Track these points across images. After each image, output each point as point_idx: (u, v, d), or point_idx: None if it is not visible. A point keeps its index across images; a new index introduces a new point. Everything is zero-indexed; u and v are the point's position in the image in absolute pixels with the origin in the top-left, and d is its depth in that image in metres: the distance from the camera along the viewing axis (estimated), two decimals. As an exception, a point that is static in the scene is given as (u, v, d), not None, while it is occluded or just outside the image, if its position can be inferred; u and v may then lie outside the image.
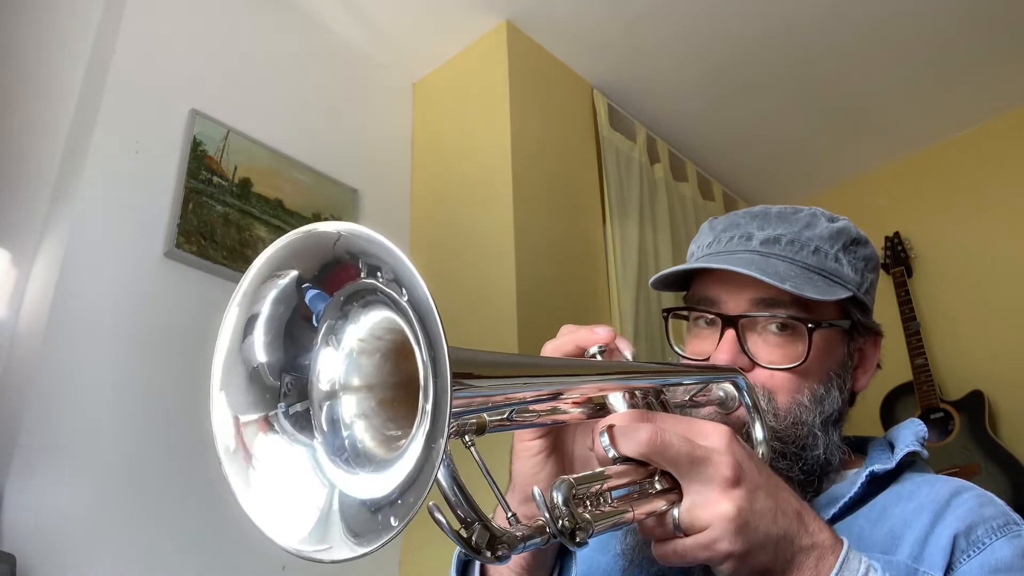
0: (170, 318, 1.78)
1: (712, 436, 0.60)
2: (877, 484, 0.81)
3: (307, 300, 0.51)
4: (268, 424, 0.51)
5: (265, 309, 0.51)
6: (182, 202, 1.87)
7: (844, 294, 0.85)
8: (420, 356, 0.44)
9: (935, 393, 2.69)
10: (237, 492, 0.49)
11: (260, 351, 0.51)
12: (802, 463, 0.81)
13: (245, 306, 0.51)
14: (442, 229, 2.41)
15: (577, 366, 0.65)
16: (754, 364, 0.83)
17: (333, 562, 0.44)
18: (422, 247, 2.42)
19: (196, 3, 2.12)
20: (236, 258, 1.92)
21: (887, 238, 3.03)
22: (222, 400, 0.50)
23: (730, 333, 0.84)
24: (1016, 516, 0.75)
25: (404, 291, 0.45)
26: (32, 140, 1.83)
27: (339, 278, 0.50)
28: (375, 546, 0.43)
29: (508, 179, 2.25)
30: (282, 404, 0.51)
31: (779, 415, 0.82)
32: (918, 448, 0.82)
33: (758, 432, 0.77)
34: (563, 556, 0.77)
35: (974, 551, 0.71)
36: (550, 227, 2.32)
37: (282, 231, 2.07)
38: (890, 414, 2.77)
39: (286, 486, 0.49)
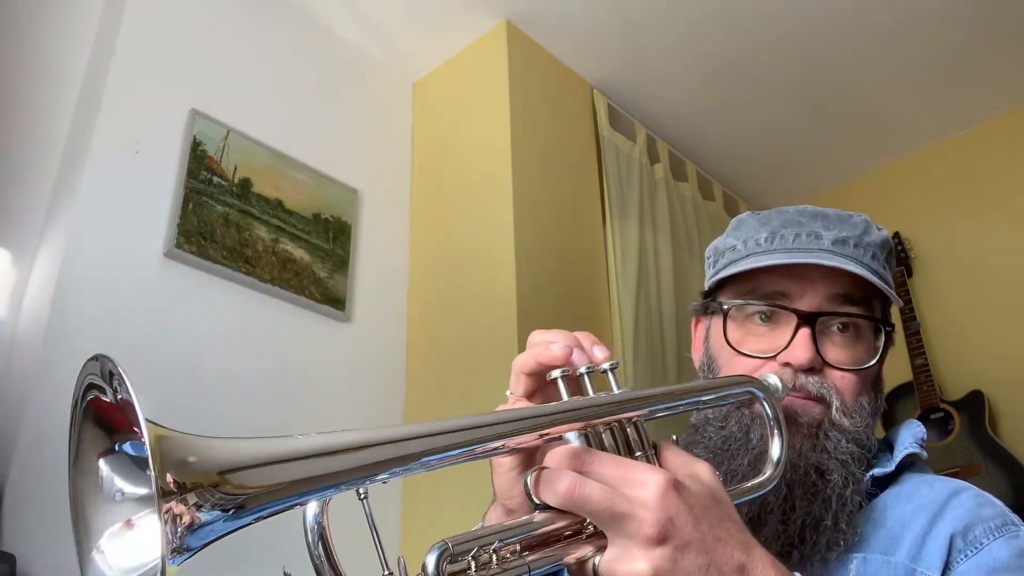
0: (170, 318, 1.78)
1: (646, 486, 0.55)
2: (876, 486, 0.81)
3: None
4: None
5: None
6: (182, 202, 1.87)
7: (898, 302, 0.85)
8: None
9: (935, 393, 2.69)
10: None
11: None
12: (863, 466, 0.80)
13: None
14: (442, 229, 2.41)
15: (466, 433, 0.54)
16: (825, 364, 0.81)
17: None
18: (422, 247, 2.42)
19: (196, 3, 2.12)
20: (236, 258, 1.92)
21: (887, 238, 3.03)
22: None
23: (805, 331, 0.80)
24: (1014, 517, 0.75)
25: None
26: (32, 140, 1.83)
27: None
28: None
29: (508, 179, 2.25)
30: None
31: (852, 416, 0.80)
32: (917, 450, 0.82)
33: (775, 450, 0.73)
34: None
35: (971, 551, 0.71)
36: (550, 227, 2.32)
37: (282, 231, 2.08)
38: (890, 414, 2.77)
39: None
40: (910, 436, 0.84)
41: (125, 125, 1.84)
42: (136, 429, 0.41)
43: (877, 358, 0.81)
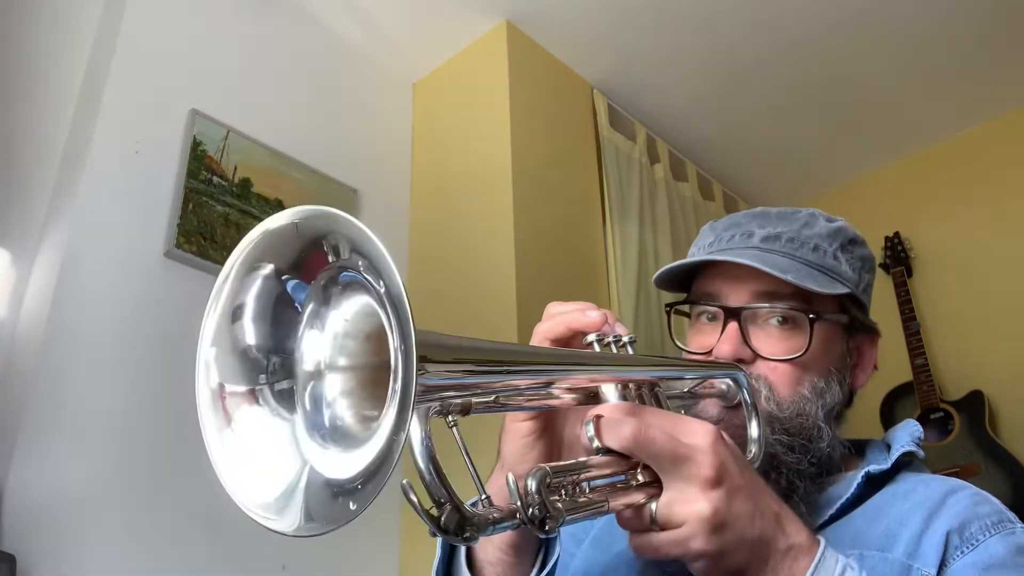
0: (170, 318, 1.78)
1: (697, 434, 0.60)
2: (873, 484, 0.81)
3: (289, 290, 0.53)
4: (253, 397, 0.52)
5: (250, 299, 0.53)
6: (182, 202, 1.87)
7: (843, 289, 0.86)
8: (391, 337, 0.45)
9: (935, 393, 2.69)
10: (209, 443, 0.50)
11: (248, 336, 0.53)
12: (810, 455, 0.82)
13: (230, 296, 0.53)
14: (442, 229, 2.41)
15: (568, 357, 0.65)
16: (756, 356, 0.84)
17: (276, 532, 0.46)
18: (422, 247, 2.42)
19: (196, 3, 2.12)
20: (236, 258, 1.92)
21: (887, 238, 3.03)
22: (210, 369, 0.52)
23: (732, 326, 0.85)
24: (1010, 514, 0.75)
25: (364, 259, 0.47)
26: (32, 140, 1.83)
27: (313, 264, 0.51)
28: (325, 531, 0.45)
29: (508, 179, 2.25)
30: (267, 378, 0.52)
31: (782, 405, 0.83)
32: (913, 448, 0.83)
33: (753, 430, 0.78)
34: (547, 540, 0.78)
35: (967, 548, 0.71)
36: (550, 227, 2.32)
37: (282, 231, 2.08)
38: (890, 414, 2.77)
39: (260, 454, 0.51)
40: (907, 435, 0.85)
41: (125, 125, 1.84)
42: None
43: (806, 347, 0.83)
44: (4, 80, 1.82)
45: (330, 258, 0.50)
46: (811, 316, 0.84)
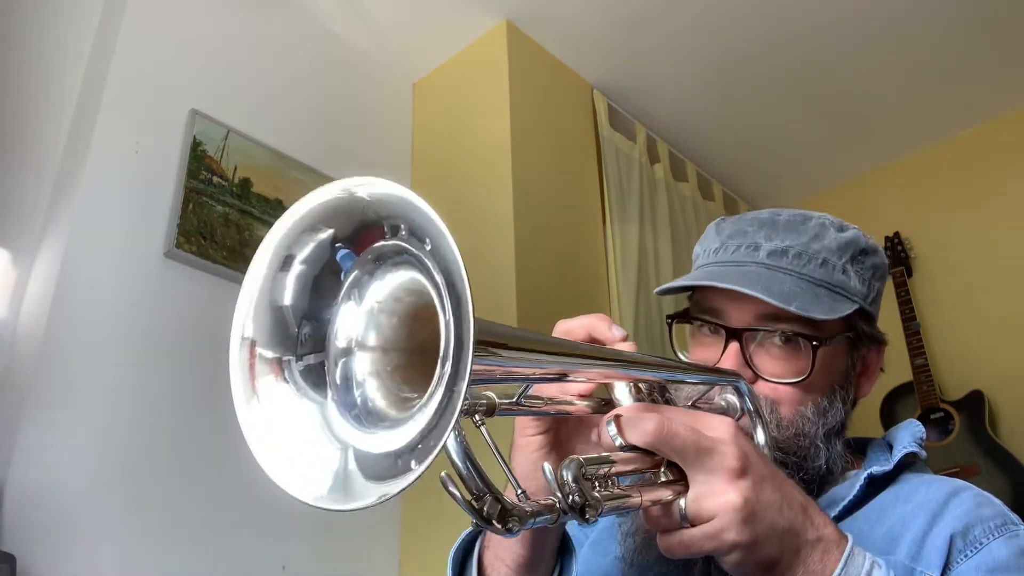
0: (170, 318, 1.78)
1: (718, 428, 0.60)
2: (875, 486, 0.81)
3: (337, 258, 0.53)
4: (280, 369, 0.52)
5: (300, 254, 0.53)
6: (182, 202, 1.87)
7: (850, 309, 0.84)
8: (443, 315, 0.45)
9: (935, 393, 2.69)
10: (248, 433, 0.50)
11: (287, 293, 0.52)
12: (802, 473, 0.81)
13: (284, 245, 0.52)
14: (442, 229, 2.41)
15: (589, 350, 0.65)
16: (757, 377, 0.83)
17: (357, 510, 0.45)
18: (422, 247, 2.42)
19: (196, 3, 2.12)
20: (236, 258, 1.92)
21: (887, 238, 3.03)
22: (247, 321, 0.51)
23: (734, 346, 0.84)
24: (1014, 516, 0.75)
25: (428, 242, 0.47)
26: (32, 140, 1.83)
27: (368, 238, 0.51)
28: (400, 488, 0.43)
29: (508, 179, 2.25)
30: (298, 352, 0.52)
31: (781, 426, 0.81)
32: (916, 449, 0.82)
33: (760, 437, 0.77)
34: (563, 555, 0.77)
35: (971, 551, 0.71)
36: (550, 227, 2.32)
37: (282, 231, 2.08)
38: (890, 414, 2.77)
39: (293, 440, 0.50)
40: (909, 436, 0.84)
41: (125, 125, 1.84)
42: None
43: (809, 371, 0.82)
44: (4, 80, 1.82)
45: (386, 235, 0.50)
46: (815, 343, 0.82)
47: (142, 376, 1.70)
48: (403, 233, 0.49)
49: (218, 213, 1.94)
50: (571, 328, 0.71)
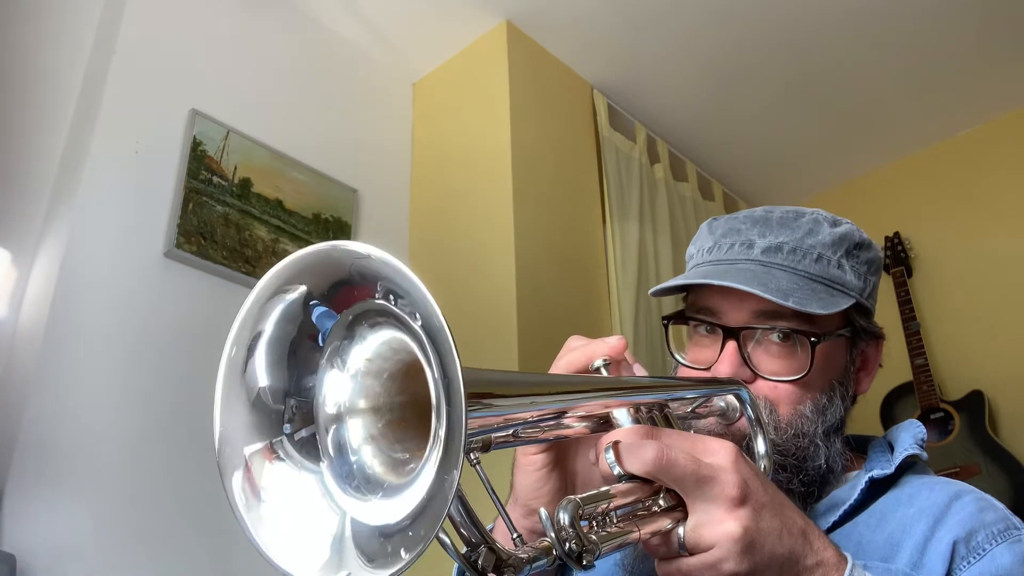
0: (170, 318, 1.78)
1: (718, 453, 0.59)
2: (877, 488, 0.80)
3: (314, 318, 0.50)
4: (273, 452, 0.49)
5: (269, 327, 0.50)
6: (182, 202, 1.87)
7: (847, 303, 0.83)
8: (432, 376, 0.43)
9: (935, 393, 2.69)
10: (251, 530, 0.48)
11: (263, 374, 0.50)
12: (802, 475, 0.80)
13: (249, 325, 0.50)
14: (442, 229, 2.41)
15: (583, 383, 0.64)
16: (756, 376, 0.82)
17: None
18: (422, 247, 2.42)
19: (196, 3, 2.12)
20: (236, 258, 1.92)
21: (887, 238, 3.03)
22: (227, 418, 0.49)
23: (731, 345, 0.83)
24: (1016, 520, 0.74)
25: (419, 316, 0.44)
26: (32, 140, 1.83)
27: (349, 297, 0.49)
28: (388, 573, 0.42)
29: (508, 179, 2.25)
30: (287, 427, 0.50)
31: (780, 427, 0.81)
32: (917, 451, 0.81)
33: (760, 445, 0.76)
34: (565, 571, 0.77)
35: (974, 558, 0.70)
36: (550, 227, 2.32)
37: (282, 231, 2.08)
38: (890, 414, 2.77)
39: (297, 515, 0.48)
40: (910, 437, 0.83)
41: (125, 125, 1.84)
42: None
43: (808, 368, 0.81)
44: (4, 80, 1.82)
45: (369, 295, 0.48)
46: (812, 339, 0.81)
47: (142, 376, 1.70)
48: (392, 297, 0.47)
49: (218, 213, 1.94)
50: (572, 360, 0.69)
